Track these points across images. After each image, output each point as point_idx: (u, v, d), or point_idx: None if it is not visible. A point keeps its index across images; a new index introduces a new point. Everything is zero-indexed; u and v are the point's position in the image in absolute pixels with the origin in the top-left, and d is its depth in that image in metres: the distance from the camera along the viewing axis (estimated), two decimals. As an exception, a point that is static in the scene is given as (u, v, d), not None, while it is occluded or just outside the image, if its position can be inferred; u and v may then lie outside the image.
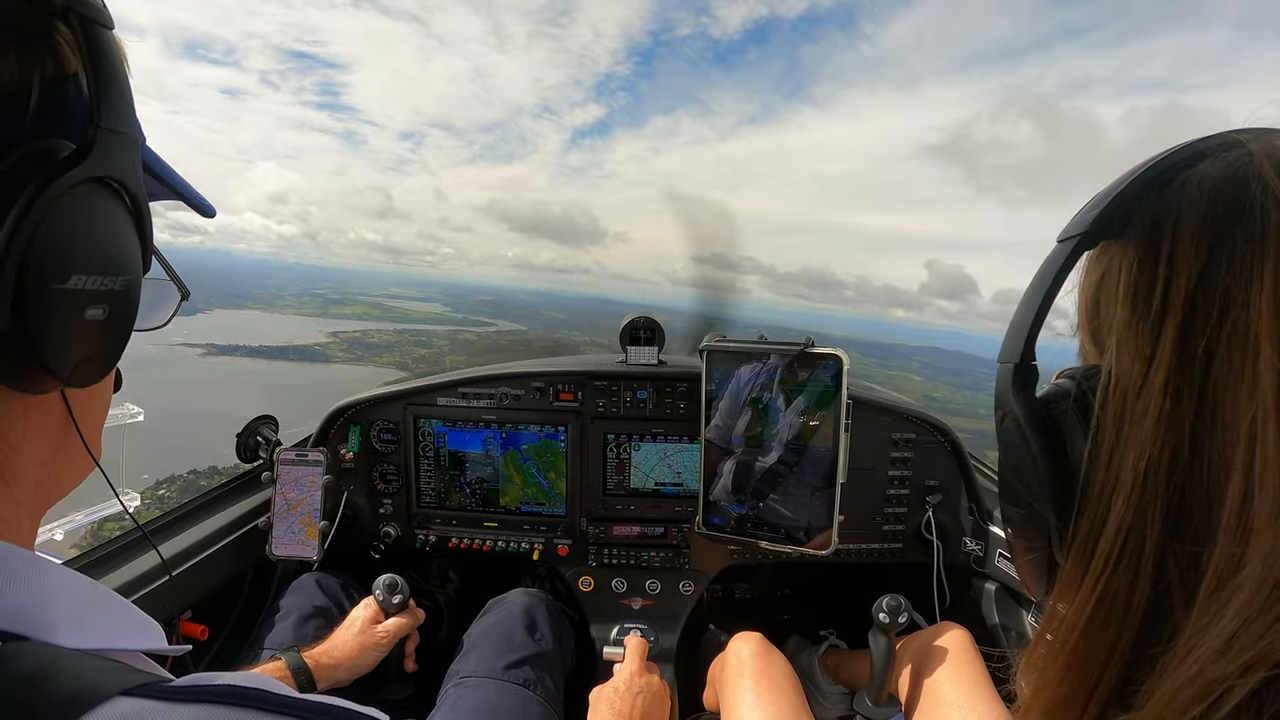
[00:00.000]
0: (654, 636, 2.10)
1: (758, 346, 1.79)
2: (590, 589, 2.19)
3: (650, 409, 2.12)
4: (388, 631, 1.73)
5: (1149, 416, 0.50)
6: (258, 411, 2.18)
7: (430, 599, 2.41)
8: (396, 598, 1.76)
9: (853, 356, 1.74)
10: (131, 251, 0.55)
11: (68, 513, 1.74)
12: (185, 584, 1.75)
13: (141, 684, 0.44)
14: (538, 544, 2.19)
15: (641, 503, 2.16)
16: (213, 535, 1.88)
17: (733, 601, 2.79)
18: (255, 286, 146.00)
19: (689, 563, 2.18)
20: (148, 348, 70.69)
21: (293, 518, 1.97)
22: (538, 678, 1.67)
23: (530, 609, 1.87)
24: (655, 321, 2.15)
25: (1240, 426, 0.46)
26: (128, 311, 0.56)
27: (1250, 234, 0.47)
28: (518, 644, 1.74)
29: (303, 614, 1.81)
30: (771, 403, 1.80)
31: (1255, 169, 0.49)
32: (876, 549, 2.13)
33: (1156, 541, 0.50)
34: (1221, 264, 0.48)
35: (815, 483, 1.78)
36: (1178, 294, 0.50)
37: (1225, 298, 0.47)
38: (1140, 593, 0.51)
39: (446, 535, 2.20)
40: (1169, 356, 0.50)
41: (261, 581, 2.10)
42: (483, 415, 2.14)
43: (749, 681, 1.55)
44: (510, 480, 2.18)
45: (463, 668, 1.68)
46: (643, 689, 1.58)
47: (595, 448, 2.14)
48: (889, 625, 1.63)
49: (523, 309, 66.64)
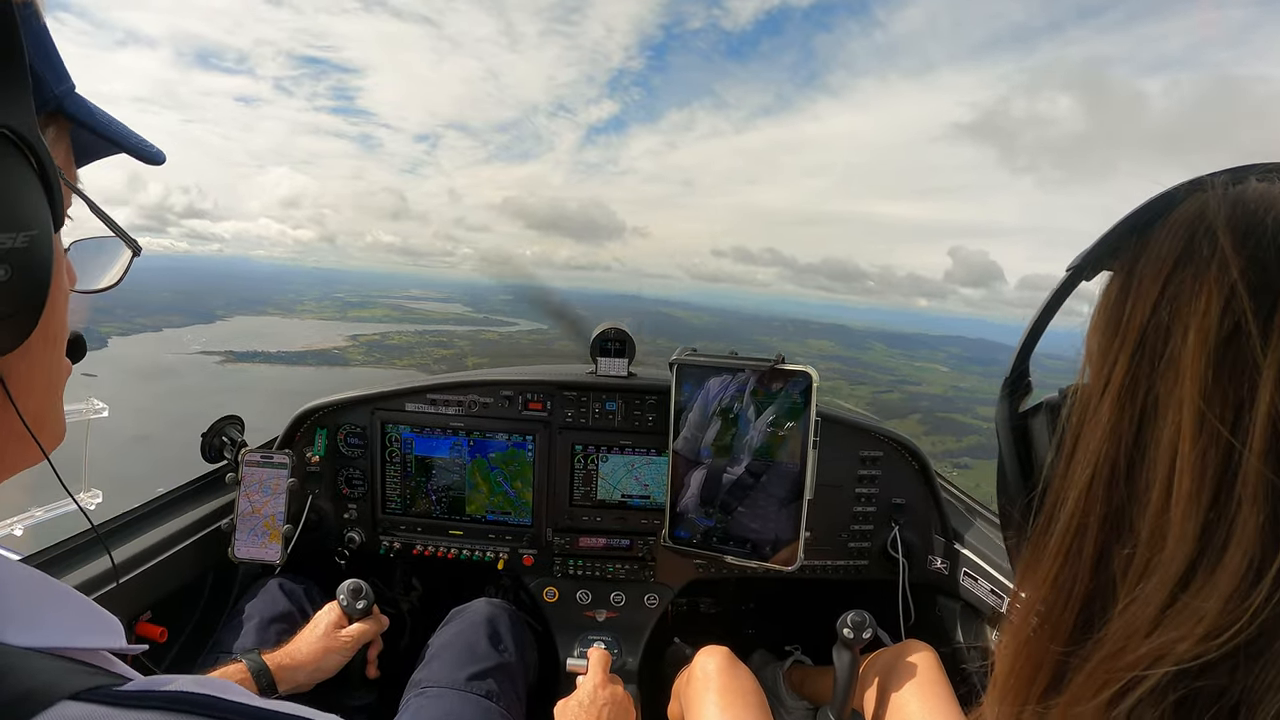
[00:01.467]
0: (618, 649, 2.09)
1: (729, 361, 1.81)
2: (555, 600, 2.18)
3: (619, 421, 2.12)
4: (351, 636, 1.71)
5: (1099, 430, 0.56)
6: (263, 416, 2.16)
7: (393, 606, 2.39)
8: (361, 603, 1.74)
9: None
10: (31, 205, 0.50)
11: (28, 508, 1.70)
12: (144, 585, 1.72)
13: (91, 688, 0.43)
14: (503, 553, 2.18)
15: (608, 514, 2.16)
16: (174, 536, 1.85)
17: (698, 615, 2.78)
18: (275, 292, 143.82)
19: (654, 576, 2.18)
20: (167, 357, 69.48)
21: (256, 520, 1.94)
22: (500, 689, 1.66)
23: (493, 619, 1.85)
24: (626, 333, 2.15)
25: (1165, 446, 0.51)
26: (36, 270, 0.50)
27: (1193, 275, 0.53)
28: (480, 654, 1.72)
29: (265, 617, 1.79)
30: (742, 413, 1.81)
31: (1209, 216, 0.55)
32: (842, 565, 2.14)
33: (1096, 541, 0.55)
34: (1168, 301, 0.54)
35: (782, 496, 1.79)
36: (1133, 325, 0.56)
37: (1167, 331, 0.53)
38: (1081, 585, 0.56)
39: (411, 542, 2.18)
40: (1120, 379, 0.55)
41: (223, 584, 2.06)
42: (451, 422, 2.13)
43: (714, 695, 1.56)
44: (477, 488, 2.17)
45: (425, 676, 1.66)
46: (607, 701, 1.57)
47: (563, 458, 2.14)
48: (853, 641, 1.64)
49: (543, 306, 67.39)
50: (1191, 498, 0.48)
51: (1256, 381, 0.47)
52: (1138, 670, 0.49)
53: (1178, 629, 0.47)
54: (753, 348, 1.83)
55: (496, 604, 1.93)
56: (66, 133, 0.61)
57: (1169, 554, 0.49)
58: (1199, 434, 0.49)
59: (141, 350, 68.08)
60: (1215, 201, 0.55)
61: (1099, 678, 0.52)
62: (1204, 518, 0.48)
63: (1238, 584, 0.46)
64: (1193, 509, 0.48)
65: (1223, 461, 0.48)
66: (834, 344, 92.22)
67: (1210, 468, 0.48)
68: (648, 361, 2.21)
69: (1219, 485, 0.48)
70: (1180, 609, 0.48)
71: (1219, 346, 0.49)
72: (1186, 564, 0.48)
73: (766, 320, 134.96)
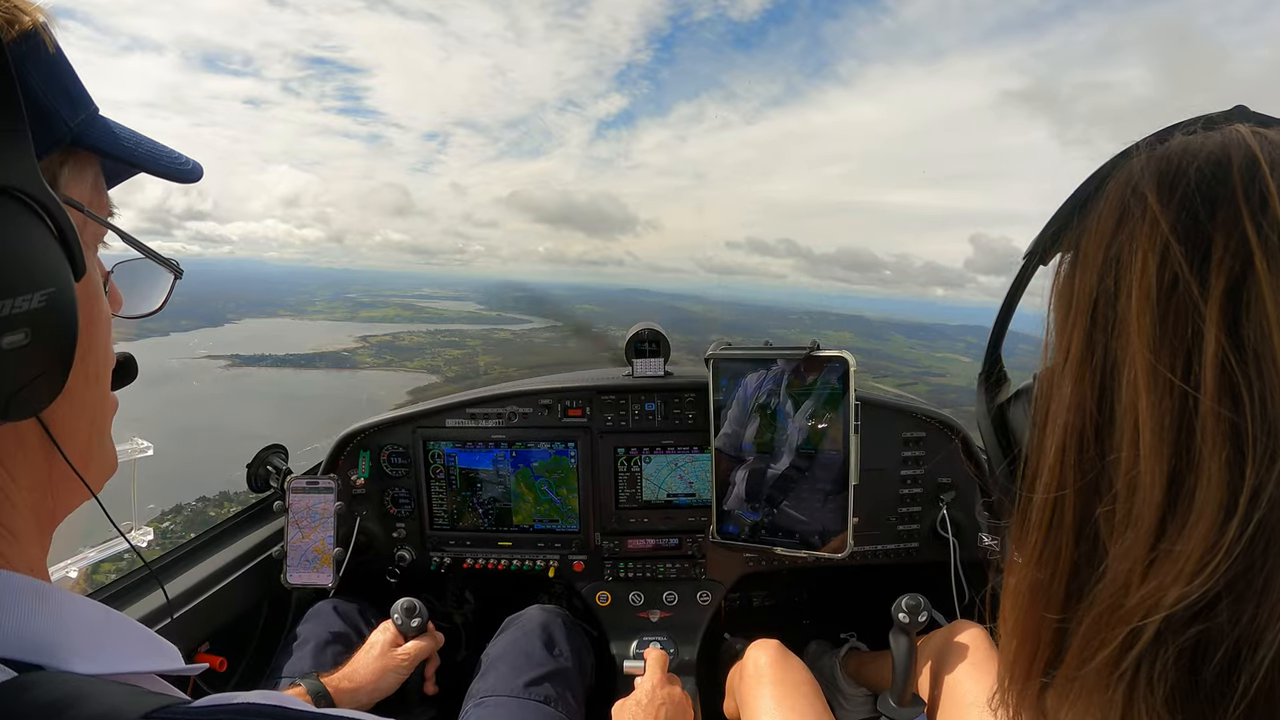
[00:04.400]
0: (674, 648, 2.09)
1: (763, 353, 1.80)
2: (608, 604, 2.19)
3: (659, 421, 2.12)
4: (408, 654, 1.72)
5: (1064, 401, 0.58)
6: (268, 424, 2.19)
7: (448, 620, 2.40)
8: (415, 621, 1.76)
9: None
10: (45, 261, 0.48)
11: (81, 549, 1.74)
12: (199, 617, 1.75)
13: (162, 706, 0.44)
14: (553, 561, 2.18)
15: (655, 515, 2.16)
16: (226, 567, 1.88)
17: (751, 609, 2.77)
18: (287, 294, 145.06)
19: (705, 573, 2.18)
20: (171, 363, 70.06)
21: (306, 545, 1.97)
22: (559, 694, 1.67)
23: (547, 625, 1.86)
24: (660, 333, 2.15)
25: (1126, 404, 0.53)
26: (58, 325, 0.49)
27: (1129, 236, 0.55)
28: (537, 661, 1.73)
29: (320, 641, 1.81)
30: (780, 408, 1.80)
31: (1135, 177, 0.57)
32: (893, 549, 2.12)
33: (1074, 507, 0.57)
34: (1110, 265, 0.56)
35: (828, 487, 1.78)
36: (1083, 296, 0.58)
37: (1114, 294, 0.55)
38: (1066, 553, 0.58)
39: (461, 556, 2.20)
40: (1078, 350, 0.58)
41: (278, 611, 2.09)
42: (492, 435, 2.14)
43: (768, 689, 1.55)
44: (522, 498, 2.17)
45: (482, 687, 1.67)
46: (665, 700, 1.57)
47: (606, 462, 2.14)
48: (909, 625, 1.62)
49: (558, 304, 65.79)
50: (1156, 448, 0.50)
51: (1200, 327, 0.49)
52: (1133, 622, 0.50)
53: (1163, 575, 0.49)
54: (778, 341, 1.82)
55: (550, 610, 1.94)
56: (94, 160, 0.60)
57: (1142, 503, 0.51)
58: (1154, 386, 0.51)
59: (147, 355, 68.57)
60: (1140, 163, 0.58)
61: (1097, 636, 0.53)
62: (1170, 465, 0.49)
63: (1212, 522, 0.47)
64: (1159, 459, 0.50)
65: (1179, 408, 0.49)
66: (853, 335, 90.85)
67: (1168, 416, 0.50)
68: (675, 359, 2.21)
69: (1179, 431, 0.49)
70: (1163, 556, 0.49)
71: (1161, 300, 0.51)
72: (1160, 511, 0.50)
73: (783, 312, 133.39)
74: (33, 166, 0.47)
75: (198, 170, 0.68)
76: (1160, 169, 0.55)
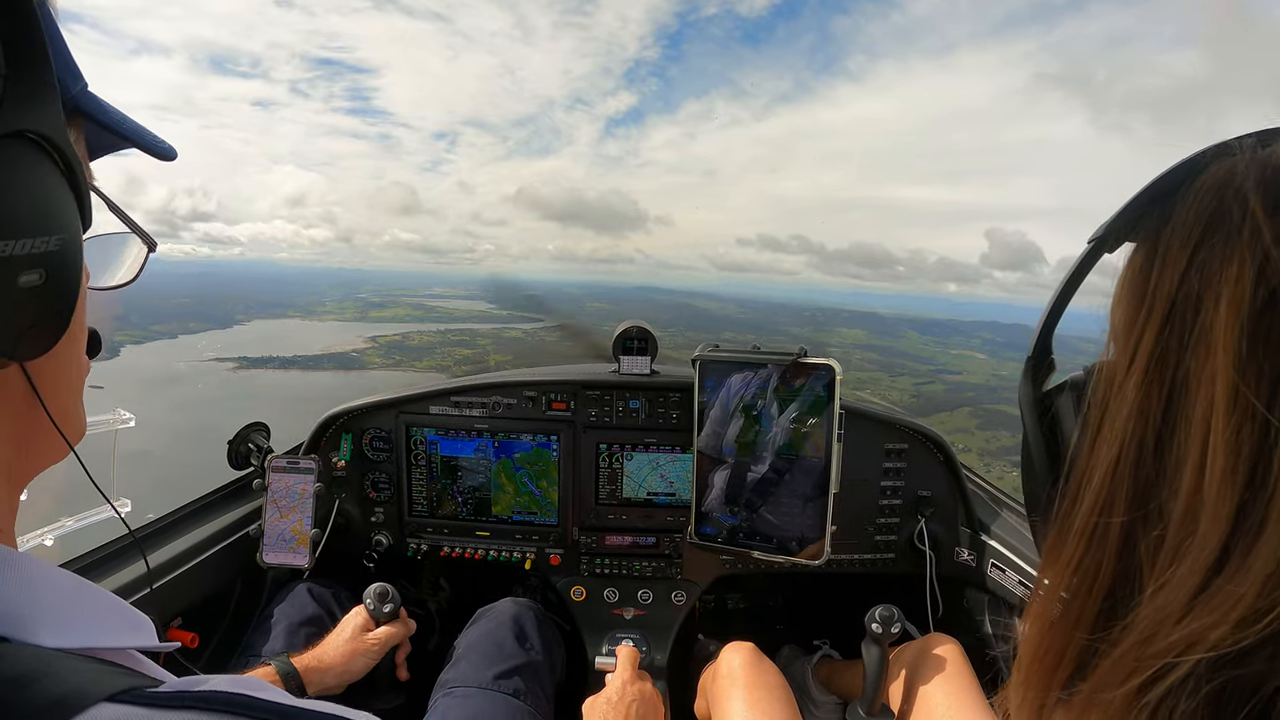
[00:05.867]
0: (646, 646, 2.09)
1: (751, 356, 1.80)
2: (582, 599, 2.19)
3: (643, 419, 2.12)
4: (378, 639, 1.72)
5: (1125, 408, 0.54)
6: (268, 424, 2.17)
7: (421, 607, 2.40)
8: (387, 606, 1.76)
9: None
10: (63, 208, 0.50)
11: (58, 518, 1.72)
12: (175, 591, 1.74)
13: (127, 689, 0.43)
14: (530, 553, 2.18)
15: (634, 512, 2.16)
16: (203, 543, 1.87)
17: (725, 611, 2.78)
18: (297, 294, 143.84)
19: (681, 573, 2.18)
20: (179, 365, 69.40)
21: (284, 525, 1.96)
22: (528, 688, 1.67)
23: (519, 618, 1.86)
24: (648, 331, 2.15)
25: (1197, 422, 0.49)
26: (69, 271, 0.51)
27: (1223, 242, 0.50)
28: (508, 653, 1.73)
29: (293, 622, 1.80)
30: (764, 409, 1.80)
31: (1238, 179, 0.51)
32: (869, 559, 2.13)
33: (1122, 523, 0.53)
34: (1197, 270, 0.51)
35: (807, 492, 1.78)
36: (1161, 296, 0.53)
37: (1198, 301, 0.50)
38: (1106, 570, 0.54)
39: (438, 544, 2.19)
40: (1146, 354, 0.53)
41: (252, 589, 2.08)
42: (475, 424, 2.13)
43: (740, 691, 1.55)
44: (502, 489, 2.17)
45: (452, 677, 1.67)
46: (636, 698, 1.57)
47: (588, 457, 2.14)
48: (882, 635, 1.62)
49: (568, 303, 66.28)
50: (1226, 477, 0.46)
51: None
52: (1169, 658, 0.47)
53: (1211, 615, 0.45)
54: (782, 339, 1.83)
55: (522, 603, 1.94)
56: (82, 131, 0.61)
57: (1202, 536, 0.47)
58: (1233, 409, 0.46)
59: (153, 359, 67.71)
60: (1244, 165, 0.52)
61: (1127, 665, 0.50)
62: (1239, 497, 0.45)
63: (1275, 567, 0.43)
64: (1227, 489, 0.46)
65: (1259, 438, 0.45)
66: (866, 333, 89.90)
67: (1246, 445, 0.45)
68: (676, 357, 2.21)
69: (1255, 463, 0.45)
70: (1214, 593, 0.46)
71: (1253, 317, 0.47)
72: (1220, 546, 0.46)
73: (796, 310, 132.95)
74: (60, 120, 0.50)
75: (173, 151, 0.70)
76: (1267, 175, 0.51)
